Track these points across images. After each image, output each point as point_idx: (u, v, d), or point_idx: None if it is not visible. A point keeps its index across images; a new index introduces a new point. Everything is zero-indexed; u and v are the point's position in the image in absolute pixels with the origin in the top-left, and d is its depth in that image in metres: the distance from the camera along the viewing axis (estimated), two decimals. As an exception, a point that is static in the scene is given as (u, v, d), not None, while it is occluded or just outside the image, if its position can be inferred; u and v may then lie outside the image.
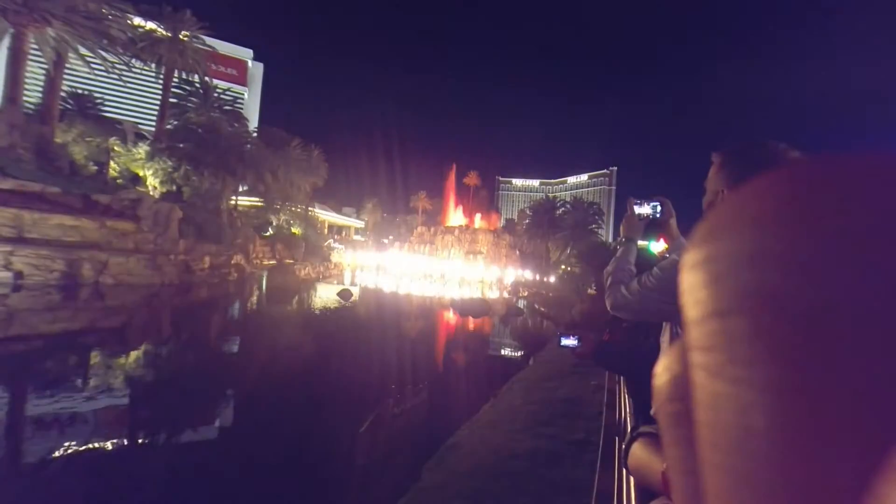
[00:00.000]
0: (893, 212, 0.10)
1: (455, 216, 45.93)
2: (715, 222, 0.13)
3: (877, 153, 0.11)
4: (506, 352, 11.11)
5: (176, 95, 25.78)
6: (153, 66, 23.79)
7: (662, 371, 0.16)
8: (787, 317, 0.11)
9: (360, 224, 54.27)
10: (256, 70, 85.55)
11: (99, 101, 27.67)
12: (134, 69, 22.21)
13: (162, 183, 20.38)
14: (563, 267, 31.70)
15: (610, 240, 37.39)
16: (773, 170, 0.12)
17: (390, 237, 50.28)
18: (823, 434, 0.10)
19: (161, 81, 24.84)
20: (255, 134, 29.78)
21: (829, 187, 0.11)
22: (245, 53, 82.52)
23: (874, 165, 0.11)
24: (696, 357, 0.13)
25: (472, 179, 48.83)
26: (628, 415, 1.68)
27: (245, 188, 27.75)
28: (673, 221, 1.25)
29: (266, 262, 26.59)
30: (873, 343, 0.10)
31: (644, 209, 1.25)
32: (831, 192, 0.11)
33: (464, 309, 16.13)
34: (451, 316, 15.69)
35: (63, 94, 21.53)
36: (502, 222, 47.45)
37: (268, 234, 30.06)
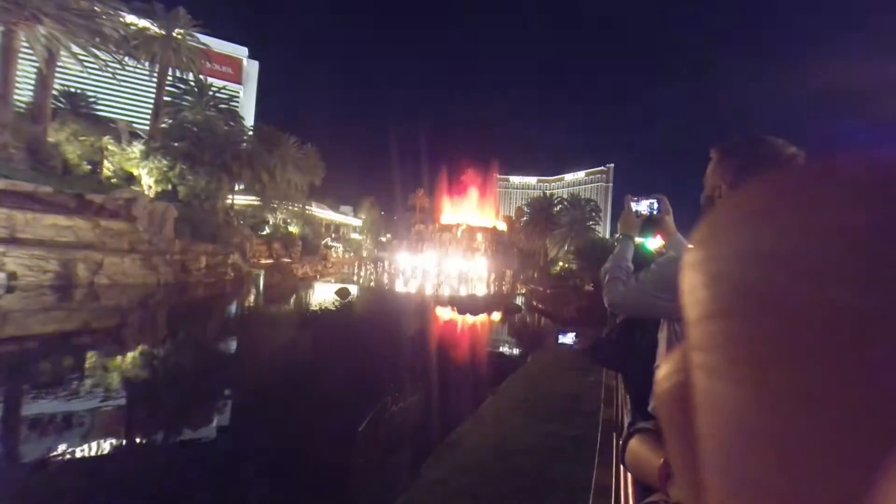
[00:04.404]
0: (894, 211, 0.10)
1: (450, 214, 45.89)
2: (715, 221, 0.13)
3: (877, 152, 0.11)
4: (504, 349, 11.13)
5: (170, 94, 25.53)
6: (147, 64, 23.55)
7: (665, 371, 0.16)
8: (787, 317, 0.11)
9: (357, 222, 54.06)
10: (252, 68, 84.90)
11: (92, 99, 27.31)
12: (127, 67, 21.94)
13: (157, 182, 20.22)
14: (560, 264, 31.76)
15: (607, 236, 37.45)
16: (774, 169, 0.12)
17: (388, 235, 50.19)
18: (824, 435, 0.10)
19: (155, 80, 24.60)
20: (250, 132, 29.56)
21: (829, 187, 0.11)
22: (240, 51, 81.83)
23: (875, 164, 0.11)
24: (697, 357, 0.13)
25: (469, 177, 48.85)
26: (626, 411, 1.69)
27: (241, 187, 27.57)
28: (669, 218, 1.24)
29: (263, 262, 26.49)
30: (874, 344, 0.10)
31: (641, 206, 1.25)
32: (832, 192, 0.11)
33: (462, 306, 16.16)
34: (449, 313, 15.70)
35: (55, 92, 21.26)
36: (500, 220, 47.41)
37: (265, 233, 29.93)
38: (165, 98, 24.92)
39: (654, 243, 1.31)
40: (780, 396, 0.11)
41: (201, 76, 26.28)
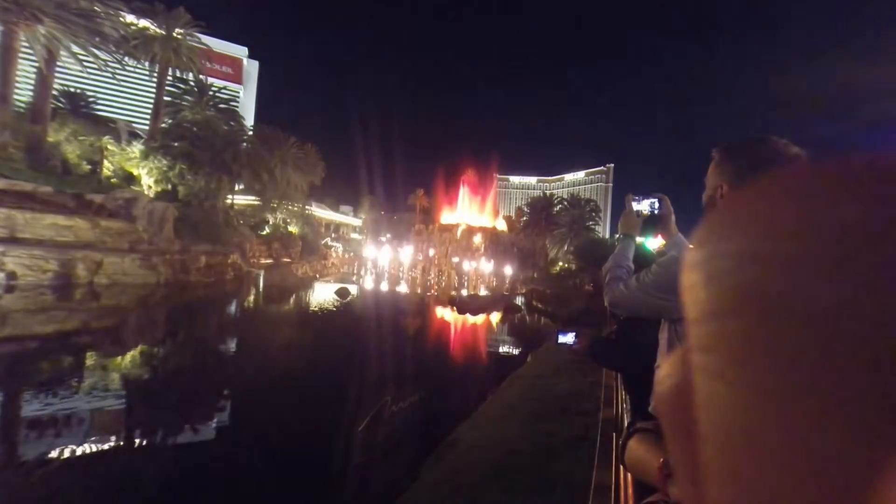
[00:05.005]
0: (894, 212, 0.10)
1: (450, 214, 45.91)
2: (715, 222, 0.13)
3: (878, 153, 0.11)
4: (504, 348, 11.13)
5: (170, 94, 25.53)
6: (147, 64, 23.55)
7: (665, 372, 0.16)
8: (785, 318, 0.11)
9: (357, 222, 54.14)
10: (252, 68, 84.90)
11: (92, 99, 27.35)
12: (127, 67, 21.95)
13: (157, 182, 20.21)
14: (560, 264, 31.77)
15: (607, 236, 37.40)
16: (775, 170, 0.12)
17: (388, 235, 50.16)
18: (822, 436, 0.10)
19: (155, 80, 24.61)
20: (250, 132, 29.57)
21: (829, 188, 0.11)
22: (240, 51, 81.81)
23: (875, 165, 0.11)
24: (697, 358, 0.13)
25: (469, 177, 48.85)
26: (625, 411, 1.69)
27: (241, 187, 27.59)
28: (671, 218, 1.24)
29: (263, 261, 26.50)
30: (873, 344, 0.10)
31: (642, 206, 1.25)
32: (833, 193, 0.11)
33: (462, 306, 16.15)
34: (449, 313, 15.70)
35: (55, 92, 21.28)
36: (500, 220, 47.43)
37: (265, 232, 29.94)
38: (165, 98, 24.92)
39: (654, 243, 1.31)
40: (780, 397, 0.11)
41: (201, 76, 26.29)
